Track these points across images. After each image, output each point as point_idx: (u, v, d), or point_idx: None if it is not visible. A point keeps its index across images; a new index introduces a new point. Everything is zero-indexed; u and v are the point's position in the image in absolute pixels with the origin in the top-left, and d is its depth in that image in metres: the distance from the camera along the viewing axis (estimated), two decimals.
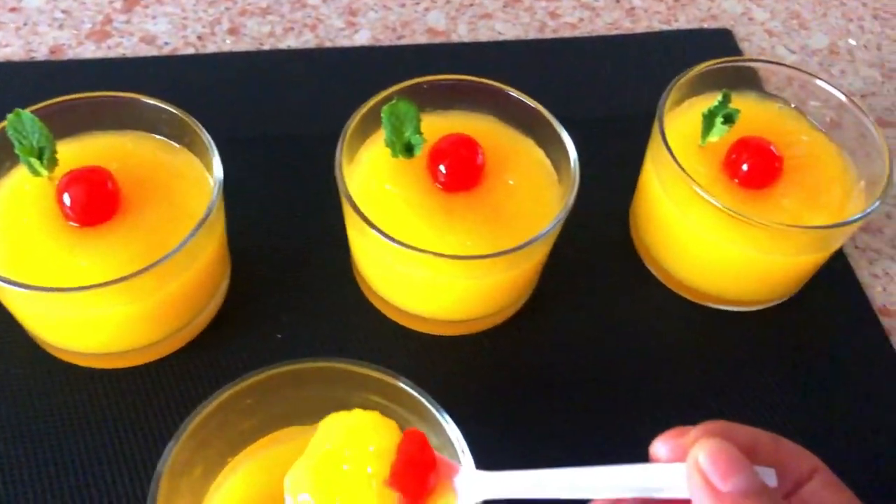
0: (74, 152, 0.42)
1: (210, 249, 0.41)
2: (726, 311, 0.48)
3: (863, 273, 0.50)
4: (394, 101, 0.42)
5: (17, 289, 0.36)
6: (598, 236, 0.50)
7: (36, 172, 0.41)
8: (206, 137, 0.41)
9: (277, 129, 0.53)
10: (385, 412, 0.34)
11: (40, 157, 0.40)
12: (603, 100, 0.56)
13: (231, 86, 0.54)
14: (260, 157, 0.51)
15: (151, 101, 0.42)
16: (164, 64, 0.55)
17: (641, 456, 0.29)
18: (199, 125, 0.42)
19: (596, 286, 0.48)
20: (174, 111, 0.42)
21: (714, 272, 0.46)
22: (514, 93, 0.45)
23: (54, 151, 0.40)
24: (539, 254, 0.42)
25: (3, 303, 0.41)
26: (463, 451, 0.32)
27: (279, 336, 0.44)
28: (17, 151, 0.40)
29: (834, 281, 0.49)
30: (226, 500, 0.35)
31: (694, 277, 0.47)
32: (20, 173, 0.41)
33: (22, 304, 0.39)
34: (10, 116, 0.40)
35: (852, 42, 0.63)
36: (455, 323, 0.45)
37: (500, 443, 0.37)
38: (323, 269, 0.47)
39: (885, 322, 0.48)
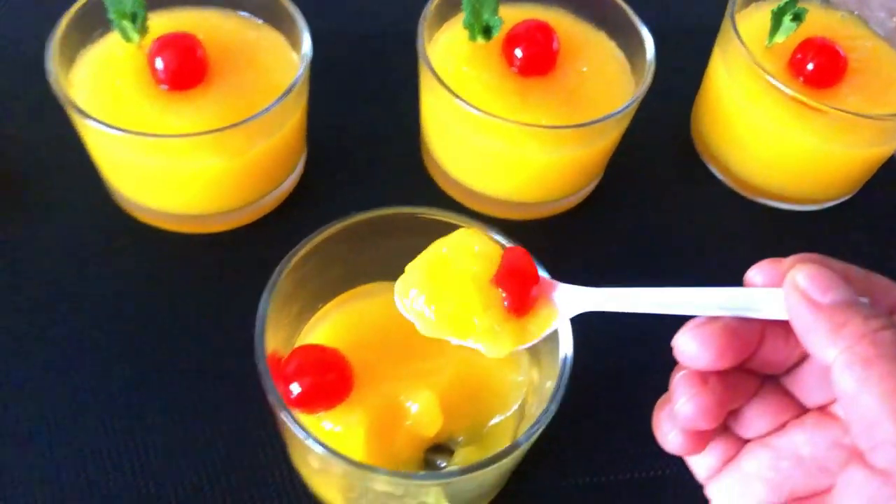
0: (163, 23, 0.43)
1: (294, 119, 0.42)
2: (783, 210, 0.49)
3: None
4: None
5: (116, 132, 0.38)
6: (661, 134, 0.51)
7: (128, 37, 0.42)
8: (298, 15, 0.43)
9: (358, 19, 0.54)
10: None
11: (133, 21, 0.41)
12: (665, 11, 0.57)
13: None
14: (343, 43, 0.53)
15: None
16: None
17: None
18: (292, 3, 0.43)
19: (657, 181, 0.49)
20: None
21: (777, 166, 0.47)
22: None
23: (146, 18, 0.42)
24: (611, 134, 0.44)
25: (96, 160, 0.42)
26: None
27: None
28: (110, 16, 0.41)
29: (887, 186, 0.51)
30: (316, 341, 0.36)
31: (756, 173, 0.48)
32: (112, 39, 0.43)
33: (115, 156, 0.41)
34: None
35: None
36: (523, 205, 0.46)
37: None
38: (393, 153, 0.48)
39: None
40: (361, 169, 0.47)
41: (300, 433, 0.29)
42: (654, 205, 0.49)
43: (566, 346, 0.32)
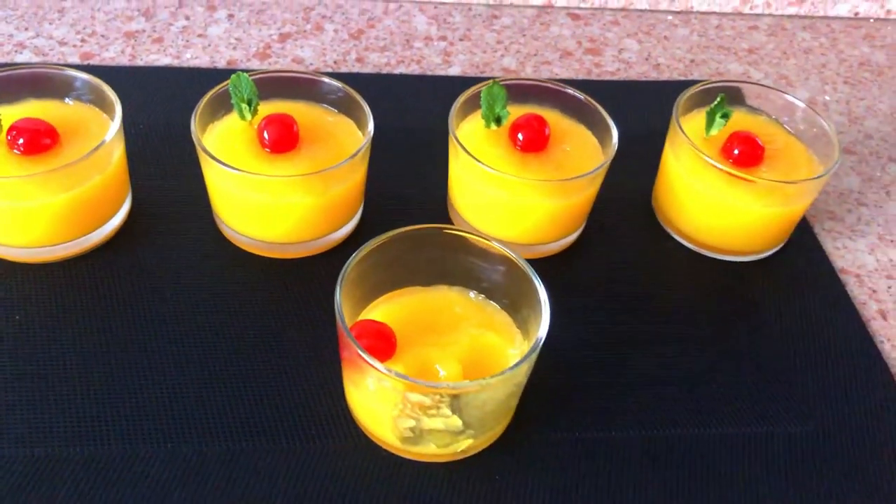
0: (269, 108, 0.60)
1: (358, 174, 0.59)
2: (724, 261, 0.64)
3: (827, 246, 0.66)
4: (491, 85, 0.60)
5: (234, 171, 0.54)
6: (628, 201, 0.67)
7: (243, 117, 0.59)
8: (366, 107, 0.60)
9: (406, 111, 0.72)
10: (483, 273, 0.51)
11: (249, 105, 0.59)
12: (628, 117, 0.75)
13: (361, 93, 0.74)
14: (396, 127, 0.70)
15: (328, 80, 0.61)
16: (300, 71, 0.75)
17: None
18: (362, 98, 0.60)
19: (624, 236, 0.65)
20: (339, 85, 0.61)
21: (717, 225, 0.63)
22: (571, 90, 0.63)
23: (258, 104, 0.59)
24: (587, 191, 0.60)
25: (212, 195, 0.58)
26: (543, 303, 0.48)
27: None
28: (233, 100, 0.59)
29: (803, 248, 0.66)
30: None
31: (701, 231, 0.64)
32: (233, 117, 0.60)
33: (229, 192, 0.57)
34: (232, 76, 0.58)
35: (827, 97, 0.82)
36: (523, 247, 0.61)
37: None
38: (427, 207, 0.65)
39: (843, 277, 0.64)
40: (404, 217, 0.63)
41: (368, 358, 0.44)
42: (622, 254, 0.64)
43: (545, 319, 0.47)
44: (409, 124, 0.72)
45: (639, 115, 0.76)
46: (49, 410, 0.49)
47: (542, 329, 0.47)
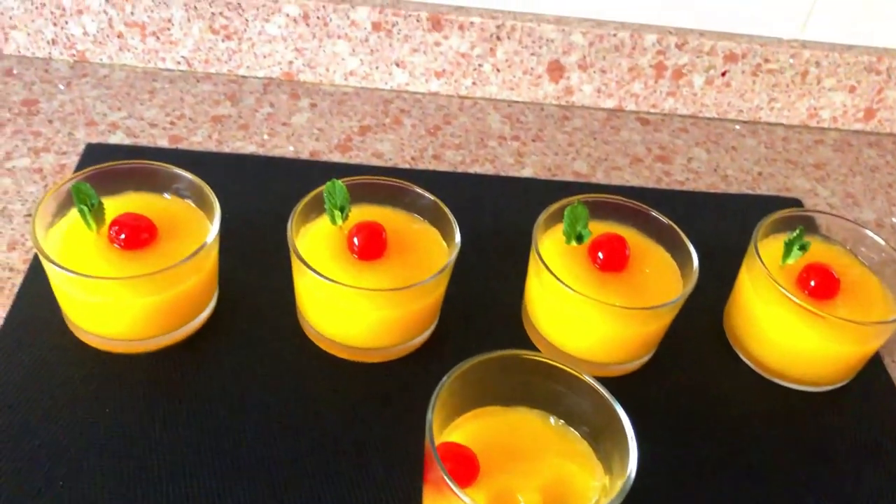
0: (360, 212, 0.62)
1: (442, 287, 0.60)
2: (794, 390, 0.64)
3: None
4: (575, 204, 0.62)
5: (324, 279, 0.55)
6: (699, 324, 0.68)
7: (334, 221, 0.61)
8: (451, 217, 0.62)
9: (491, 221, 0.74)
10: (565, 399, 0.52)
11: (342, 211, 0.61)
12: (698, 230, 0.76)
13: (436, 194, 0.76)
14: (480, 237, 0.71)
15: (417, 189, 0.63)
16: (389, 173, 0.77)
17: None
18: (448, 209, 0.62)
19: (695, 360, 0.66)
20: (430, 196, 0.63)
21: (789, 356, 0.63)
22: (654, 212, 0.65)
23: (349, 210, 0.61)
24: (664, 319, 0.61)
25: (301, 297, 0.60)
26: (631, 440, 0.49)
27: None
28: (326, 206, 0.61)
29: (874, 380, 0.66)
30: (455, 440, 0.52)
31: (773, 360, 0.64)
32: (322, 222, 0.62)
33: (316, 296, 0.58)
34: (328, 184, 0.60)
35: (895, 220, 0.82)
36: (598, 365, 0.62)
37: None
38: (502, 315, 0.66)
39: None
40: (482, 326, 0.65)
41: (454, 487, 0.44)
42: (691, 377, 0.64)
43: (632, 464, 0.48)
44: (484, 225, 0.73)
45: (709, 228, 0.77)
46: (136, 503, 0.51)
47: (631, 468, 0.47)
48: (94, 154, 0.74)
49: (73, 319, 0.59)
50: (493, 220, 0.74)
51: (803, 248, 0.64)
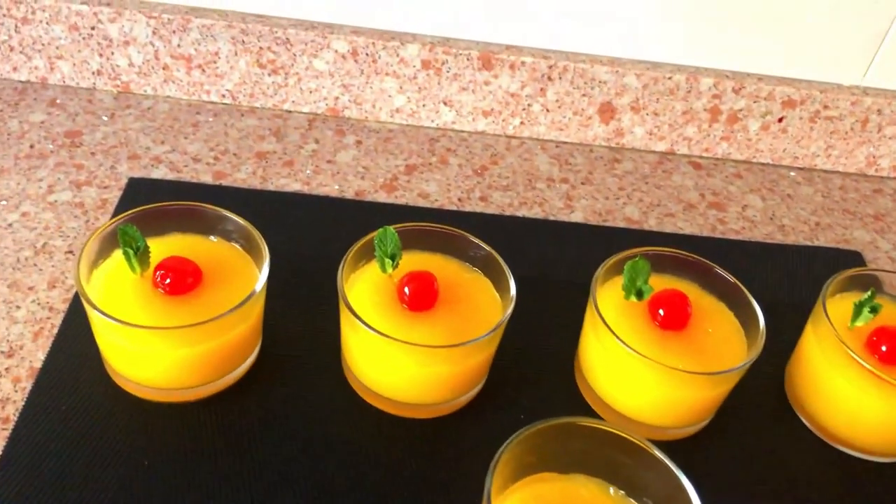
0: (410, 259, 0.60)
1: (495, 343, 0.58)
2: (861, 459, 0.61)
3: None
4: (636, 259, 0.59)
5: (372, 332, 0.53)
6: (760, 385, 0.65)
7: (384, 269, 0.59)
8: (505, 267, 0.59)
9: (550, 270, 0.71)
10: (627, 469, 0.49)
11: (392, 259, 0.59)
12: (761, 287, 0.73)
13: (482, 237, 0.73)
14: (538, 288, 0.68)
15: (468, 237, 0.61)
16: (435, 215, 0.75)
17: None
18: (500, 257, 0.60)
19: (757, 424, 0.62)
20: (484, 246, 0.60)
21: (857, 422, 0.60)
22: (717, 269, 0.62)
23: (400, 257, 0.59)
24: (728, 384, 0.58)
25: (349, 348, 0.58)
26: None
27: (521, 417, 0.60)
28: (376, 253, 0.59)
29: None
30: None
31: (839, 426, 0.61)
32: (373, 268, 0.60)
33: (363, 348, 0.56)
34: (379, 231, 0.58)
35: None
36: (654, 428, 0.59)
37: None
38: (553, 370, 0.63)
39: None
40: (532, 381, 0.62)
41: None
42: (751, 442, 0.61)
43: None
44: (533, 272, 0.71)
45: (767, 281, 0.74)
46: None
47: None
48: (136, 189, 0.73)
49: (113, 365, 0.57)
50: (543, 267, 0.72)
51: (874, 310, 0.60)
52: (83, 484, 0.52)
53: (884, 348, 0.59)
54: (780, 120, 0.85)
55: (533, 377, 0.63)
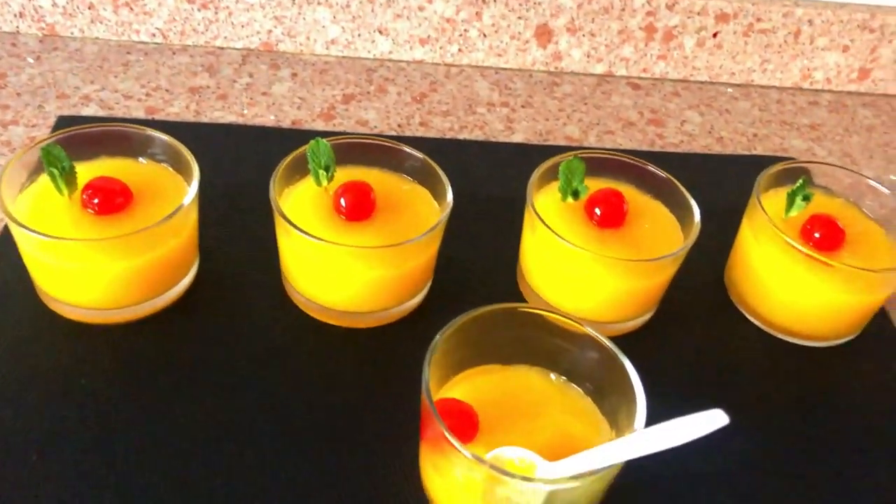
0: (346, 174, 0.59)
1: (434, 247, 0.58)
2: (800, 346, 0.62)
3: None
4: (570, 159, 0.59)
5: (307, 237, 0.52)
6: (700, 281, 0.66)
7: (319, 183, 0.58)
8: (442, 175, 0.59)
9: (485, 183, 0.72)
10: (567, 355, 0.49)
11: (326, 171, 0.58)
12: (697, 191, 0.73)
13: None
14: (473, 199, 0.68)
15: (403, 148, 0.60)
16: (375, 137, 0.74)
17: None
18: (440, 169, 0.59)
19: (697, 318, 0.63)
20: (419, 155, 0.60)
21: (794, 309, 0.61)
22: (651, 167, 0.62)
23: (335, 170, 0.58)
24: (666, 272, 0.58)
25: (284, 259, 0.57)
26: (639, 393, 0.46)
27: None
28: (310, 165, 0.58)
29: (881, 336, 0.64)
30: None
31: (777, 315, 0.62)
32: (306, 184, 0.59)
33: (301, 256, 0.55)
34: (311, 142, 0.58)
35: (893, 177, 0.80)
36: (596, 324, 0.59)
37: None
38: (498, 279, 0.63)
39: None
40: (476, 289, 0.62)
41: (458, 446, 0.42)
42: (694, 336, 0.62)
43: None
44: (475, 190, 0.70)
45: (707, 188, 0.74)
46: (114, 477, 0.48)
47: (639, 421, 0.45)
48: (66, 126, 0.71)
49: (45, 289, 0.56)
50: (485, 185, 0.71)
51: (806, 198, 0.61)
52: (18, 403, 0.51)
53: (817, 235, 0.60)
54: (715, 35, 0.86)
55: (476, 285, 0.63)
